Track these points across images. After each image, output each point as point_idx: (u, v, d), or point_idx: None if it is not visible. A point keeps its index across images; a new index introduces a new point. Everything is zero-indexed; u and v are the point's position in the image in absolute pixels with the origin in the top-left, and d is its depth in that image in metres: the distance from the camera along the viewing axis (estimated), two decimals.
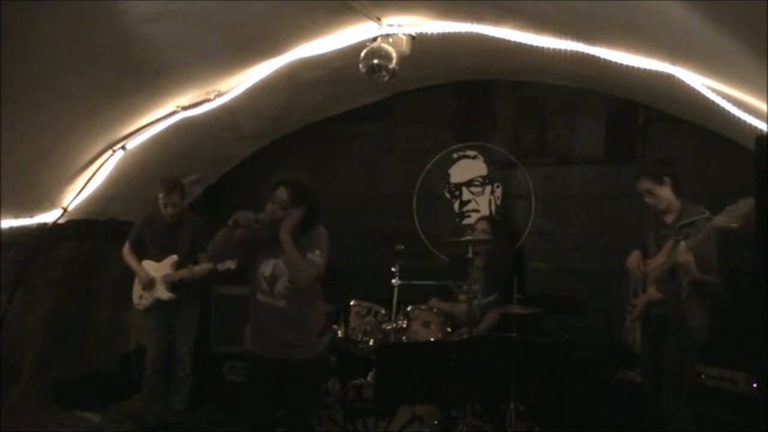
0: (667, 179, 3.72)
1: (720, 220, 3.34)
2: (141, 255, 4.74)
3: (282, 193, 3.36)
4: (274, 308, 3.42)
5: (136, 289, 4.72)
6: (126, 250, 4.76)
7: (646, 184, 3.77)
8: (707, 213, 3.53)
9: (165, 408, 4.73)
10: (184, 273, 4.61)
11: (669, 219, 3.79)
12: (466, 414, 4.18)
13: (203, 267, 4.66)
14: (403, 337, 4.55)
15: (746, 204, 3.23)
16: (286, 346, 3.44)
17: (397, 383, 3.45)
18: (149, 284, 4.61)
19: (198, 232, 4.65)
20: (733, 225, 3.30)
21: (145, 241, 4.75)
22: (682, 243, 3.50)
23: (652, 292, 3.74)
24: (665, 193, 3.73)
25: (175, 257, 4.63)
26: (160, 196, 4.60)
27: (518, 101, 5.47)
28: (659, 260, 3.74)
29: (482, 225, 4.99)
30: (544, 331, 5.10)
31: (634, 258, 3.93)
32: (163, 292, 4.61)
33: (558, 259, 5.31)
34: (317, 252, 3.38)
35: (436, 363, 3.43)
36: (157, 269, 4.65)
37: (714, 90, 3.60)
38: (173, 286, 4.62)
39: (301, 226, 3.39)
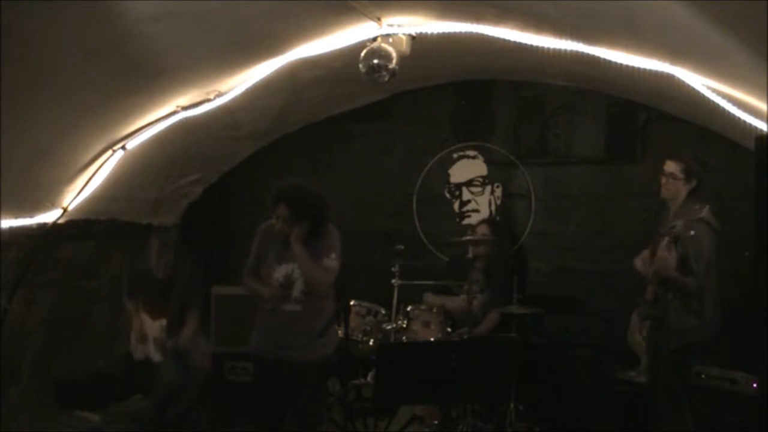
0: (694, 180, 3.71)
1: (680, 224, 3.40)
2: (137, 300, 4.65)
3: (283, 211, 3.36)
4: (289, 312, 3.43)
5: (133, 337, 4.60)
6: (125, 299, 4.68)
7: (673, 168, 3.74)
8: (702, 213, 3.52)
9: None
10: (170, 344, 4.47)
11: (669, 218, 3.80)
12: (466, 414, 4.18)
13: (188, 336, 4.50)
14: (403, 337, 4.55)
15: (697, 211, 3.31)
16: (296, 349, 3.45)
17: (397, 383, 3.45)
18: (142, 339, 4.53)
19: (191, 289, 4.57)
20: (692, 232, 3.33)
21: (138, 294, 4.63)
22: (665, 239, 3.50)
23: (649, 293, 3.75)
24: (680, 187, 3.73)
25: (164, 321, 4.50)
26: (153, 253, 4.54)
27: (518, 101, 5.47)
28: (654, 260, 3.75)
29: (483, 229, 4.98)
30: (544, 331, 5.10)
31: (640, 257, 3.92)
32: (153, 353, 4.49)
33: (558, 259, 5.31)
34: (332, 255, 3.42)
35: (436, 363, 3.43)
36: (150, 327, 4.53)
37: (714, 90, 3.60)
38: (163, 347, 4.50)
39: (310, 233, 3.40)
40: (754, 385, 3.85)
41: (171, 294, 4.54)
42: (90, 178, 4.64)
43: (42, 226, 4.55)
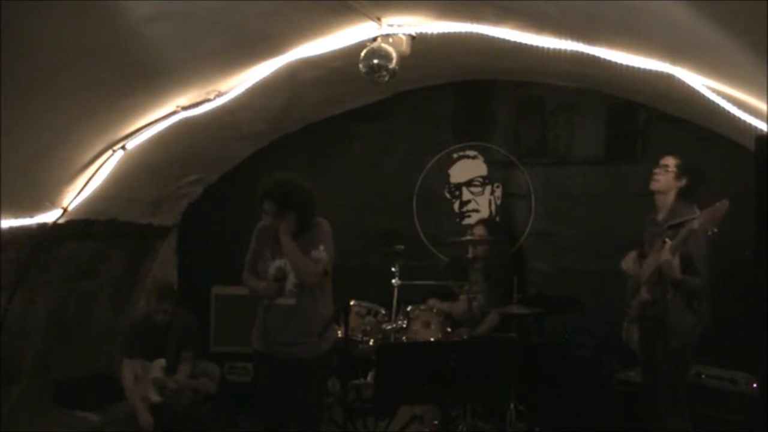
0: (685, 179, 3.74)
1: (697, 223, 3.35)
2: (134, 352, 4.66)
3: (269, 206, 3.41)
4: (284, 306, 3.46)
5: (128, 383, 4.61)
6: (124, 360, 4.66)
7: (669, 161, 3.81)
8: (697, 214, 3.52)
9: (164, 409, 4.73)
10: (170, 384, 4.53)
11: (660, 217, 3.81)
12: (466, 414, 4.18)
13: (185, 377, 4.59)
14: (403, 337, 4.55)
15: (722, 206, 3.26)
16: (293, 345, 3.47)
17: (397, 383, 3.46)
18: (138, 384, 4.53)
19: (186, 333, 4.62)
20: (714, 229, 3.32)
21: (136, 340, 4.67)
22: (667, 242, 3.51)
23: (643, 294, 3.74)
24: (670, 180, 3.75)
25: (163, 361, 4.57)
26: (152, 300, 4.59)
27: (518, 101, 5.47)
28: (650, 260, 3.75)
29: (479, 230, 4.98)
30: (544, 331, 5.10)
31: (629, 258, 3.94)
32: (153, 395, 4.52)
33: (558, 259, 5.31)
34: (321, 247, 3.44)
35: (436, 363, 3.43)
36: (147, 370, 4.57)
37: (714, 90, 3.60)
38: (162, 388, 4.54)
39: (299, 225, 3.43)
40: (754, 385, 3.85)
41: (168, 335, 4.58)
42: (90, 178, 4.63)
43: (42, 226, 4.54)
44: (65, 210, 4.66)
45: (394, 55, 3.81)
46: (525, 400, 4.42)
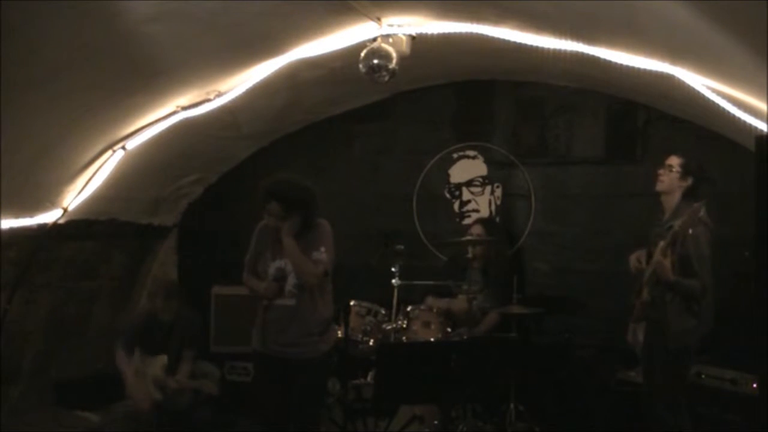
0: (690, 179, 3.73)
1: (677, 224, 3.40)
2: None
3: (274, 207, 3.41)
4: (284, 307, 3.46)
5: (129, 382, 4.56)
6: (120, 354, 4.57)
7: (673, 161, 3.78)
8: (699, 214, 3.51)
9: (164, 408, 4.73)
10: (171, 383, 4.48)
11: (666, 217, 3.80)
12: (466, 414, 4.19)
13: (186, 378, 4.57)
14: (403, 337, 4.55)
15: (697, 209, 3.34)
16: (293, 345, 3.47)
17: (397, 383, 3.46)
18: (140, 382, 4.48)
19: (189, 331, 4.61)
20: (690, 231, 3.34)
21: (139, 338, 4.60)
22: (660, 243, 3.51)
23: (645, 294, 3.74)
24: (675, 180, 3.74)
25: (165, 358, 4.53)
26: (159, 300, 4.58)
27: (518, 101, 5.47)
28: (652, 262, 3.75)
29: (477, 229, 4.98)
30: (544, 331, 5.10)
31: (633, 257, 3.93)
32: (153, 392, 4.48)
33: (558, 259, 5.30)
34: (322, 249, 3.44)
35: (436, 363, 3.43)
36: (148, 366, 4.53)
37: (714, 90, 3.60)
38: (163, 387, 4.49)
39: (301, 226, 3.44)
40: (754, 385, 3.85)
41: (171, 333, 4.57)
42: (90, 178, 4.64)
43: (42, 226, 4.55)
44: (65, 210, 4.66)
45: (394, 55, 3.81)
46: (525, 400, 4.41)
